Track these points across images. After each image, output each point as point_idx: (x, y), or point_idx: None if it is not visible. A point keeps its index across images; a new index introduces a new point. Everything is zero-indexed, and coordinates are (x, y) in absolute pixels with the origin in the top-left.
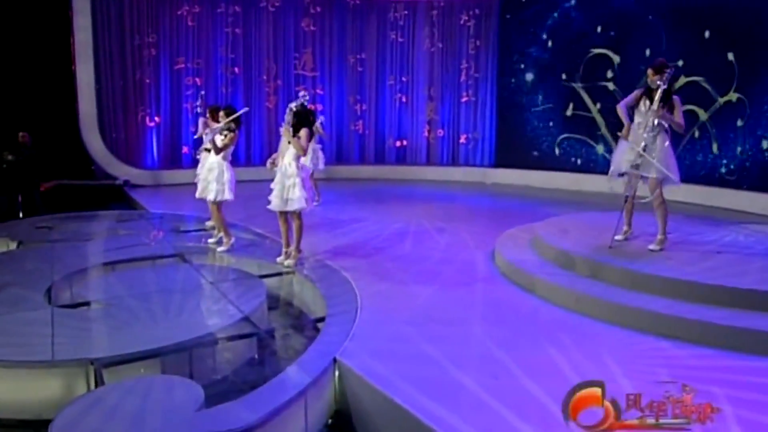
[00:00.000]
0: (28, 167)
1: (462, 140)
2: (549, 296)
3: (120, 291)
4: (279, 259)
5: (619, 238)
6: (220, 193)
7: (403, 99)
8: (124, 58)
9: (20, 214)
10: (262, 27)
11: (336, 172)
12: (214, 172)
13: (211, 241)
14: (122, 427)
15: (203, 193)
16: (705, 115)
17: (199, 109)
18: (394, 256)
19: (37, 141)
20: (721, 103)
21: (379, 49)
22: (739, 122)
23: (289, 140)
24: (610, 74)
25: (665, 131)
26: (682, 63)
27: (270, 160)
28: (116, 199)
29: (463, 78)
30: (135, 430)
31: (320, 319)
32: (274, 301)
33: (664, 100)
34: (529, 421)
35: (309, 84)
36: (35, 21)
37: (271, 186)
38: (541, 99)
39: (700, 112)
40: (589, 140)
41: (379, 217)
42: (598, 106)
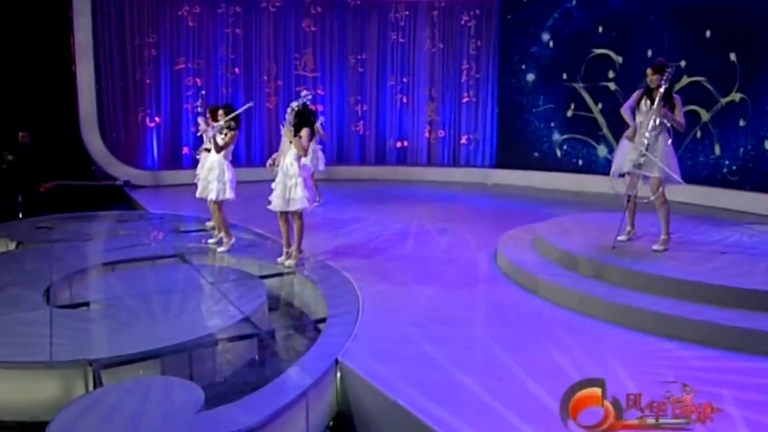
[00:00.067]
0: (28, 167)
1: (463, 141)
2: (552, 297)
3: (120, 291)
4: (280, 260)
5: (622, 238)
6: (222, 192)
7: (404, 99)
8: (125, 58)
9: (20, 214)
10: (262, 27)
11: (337, 172)
12: (215, 172)
13: (212, 241)
14: (120, 429)
15: (203, 193)
16: (707, 115)
17: (200, 109)
18: (396, 257)
19: (37, 141)
20: (723, 104)
21: (379, 49)
22: (742, 122)
23: (291, 140)
24: (611, 74)
25: (667, 131)
26: (684, 63)
27: (270, 159)
28: (116, 200)
29: (464, 78)
30: None
31: (321, 320)
32: (275, 302)
33: (665, 100)
34: (532, 423)
35: (309, 84)
36: (35, 21)
37: (272, 186)
38: (542, 99)
39: (702, 113)
40: (591, 141)
41: (380, 218)
42: (600, 106)
